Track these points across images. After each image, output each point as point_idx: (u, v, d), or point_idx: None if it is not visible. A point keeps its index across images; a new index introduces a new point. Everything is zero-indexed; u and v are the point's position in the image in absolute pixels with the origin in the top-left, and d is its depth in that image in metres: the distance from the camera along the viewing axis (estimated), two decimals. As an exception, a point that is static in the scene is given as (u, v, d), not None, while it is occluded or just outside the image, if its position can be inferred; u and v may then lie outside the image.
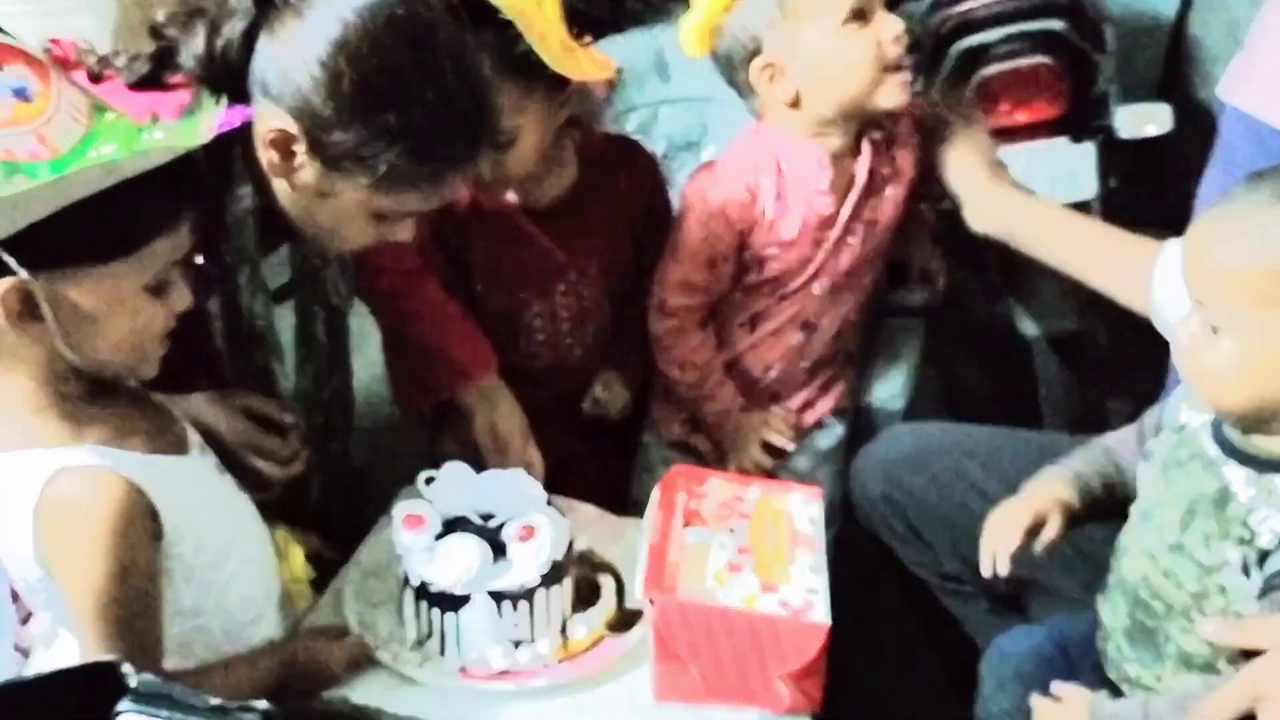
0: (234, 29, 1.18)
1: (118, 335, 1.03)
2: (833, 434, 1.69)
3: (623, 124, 2.00)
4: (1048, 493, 1.25)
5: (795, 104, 1.48)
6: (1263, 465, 1.03)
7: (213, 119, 1.07)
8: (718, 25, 1.48)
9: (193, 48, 1.19)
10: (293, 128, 1.20)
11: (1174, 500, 1.10)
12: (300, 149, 1.21)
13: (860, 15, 1.40)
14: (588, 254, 1.63)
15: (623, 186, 1.63)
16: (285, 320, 1.47)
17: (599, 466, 1.73)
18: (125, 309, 1.02)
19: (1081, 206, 2.19)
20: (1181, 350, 1.09)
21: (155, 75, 1.22)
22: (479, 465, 1.38)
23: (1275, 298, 0.99)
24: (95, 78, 1.26)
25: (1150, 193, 2.57)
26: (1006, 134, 2.17)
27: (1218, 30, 3.06)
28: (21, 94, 0.94)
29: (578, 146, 1.60)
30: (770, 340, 1.62)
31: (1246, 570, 1.02)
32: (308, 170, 1.23)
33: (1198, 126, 2.58)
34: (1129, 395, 2.52)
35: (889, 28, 1.42)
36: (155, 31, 1.25)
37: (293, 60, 1.18)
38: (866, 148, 1.54)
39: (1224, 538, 1.04)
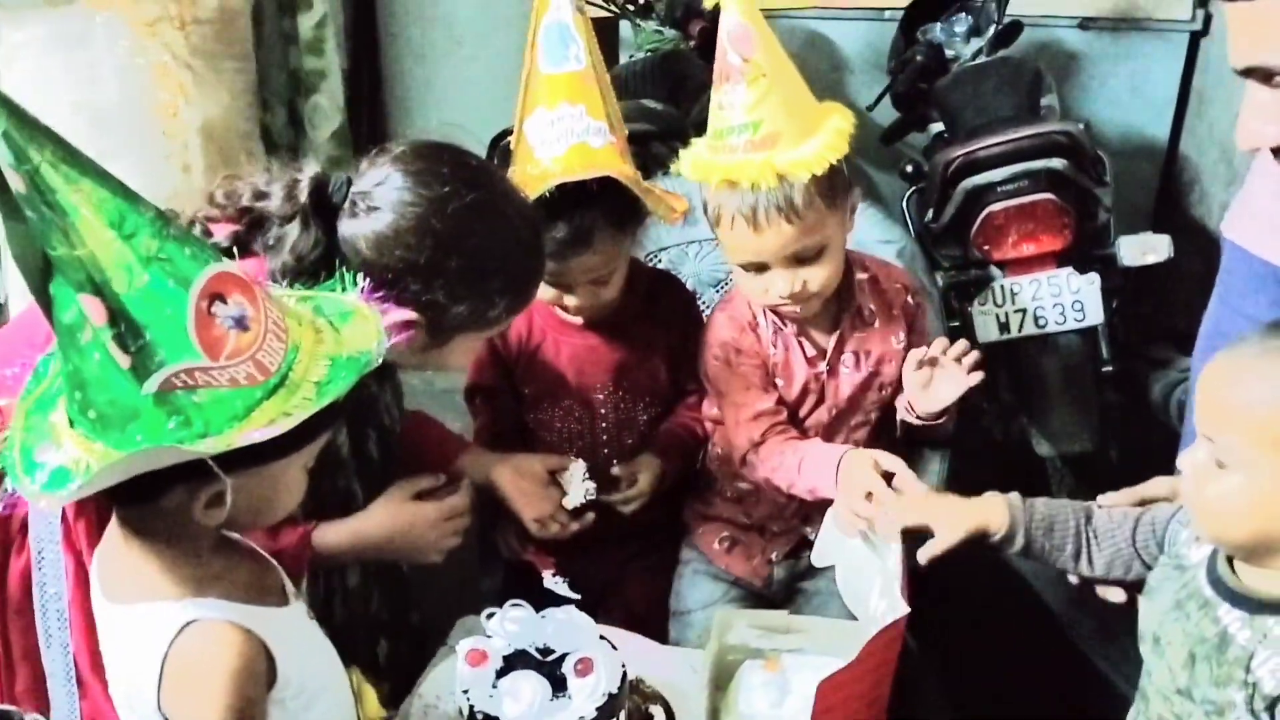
0: (307, 243, 1.28)
1: (280, 511, 1.09)
2: None
3: (654, 263, 2.09)
4: (980, 505, 1.31)
5: None
6: (1256, 606, 1.03)
7: (375, 319, 1.09)
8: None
9: (276, 265, 1.28)
10: (412, 317, 1.30)
11: (1178, 643, 1.09)
12: (420, 329, 1.31)
13: (756, 267, 1.49)
14: (627, 367, 1.71)
15: (662, 311, 1.72)
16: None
17: (640, 581, 1.77)
18: (291, 489, 1.08)
19: (1089, 332, 2.29)
20: (1187, 481, 1.10)
21: (232, 254, 1.32)
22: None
23: None
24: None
25: (1153, 312, 2.66)
26: (1014, 266, 2.28)
27: (1210, 151, 3.16)
28: (241, 323, 0.95)
29: (626, 272, 1.70)
30: None
31: (1256, 717, 1.01)
32: (424, 338, 1.34)
33: (1194, 242, 2.68)
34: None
35: (779, 285, 1.48)
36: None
37: (388, 261, 1.28)
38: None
39: (1228, 683, 1.03)
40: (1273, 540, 1.03)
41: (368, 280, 1.14)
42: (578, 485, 1.61)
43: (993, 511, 1.28)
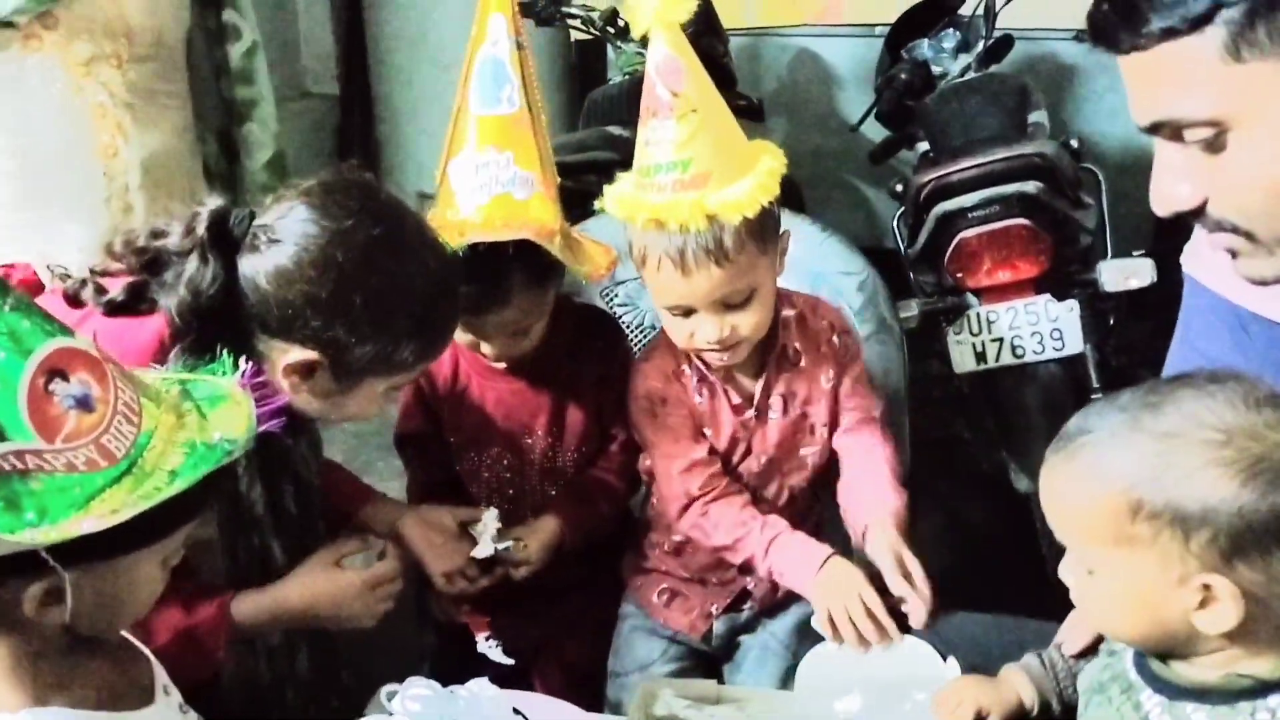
0: (205, 278, 1.22)
1: (134, 611, 1.02)
2: (798, 614, 1.57)
3: (610, 296, 2.02)
4: (1008, 683, 1.23)
5: None
6: (1176, 692, 0.97)
7: (247, 405, 1.01)
8: None
9: (172, 302, 1.22)
10: (314, 356, 1.24)
11: None
12: (322, 370, 1.26)
13: (683, 311, 1.40)
14: (556, 411, 1.63)
15: (590, 350, 1.63)
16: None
17: (579, 640, 1.68)
18: (147, 588, 1.01)
19: (1071, 361, 2.19)
20: (1073, 594, 1.03)
21: (130, 306, 1.27)
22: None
23: (1130, 535, 0.92)
24: (74, 302, 1.30)
25: (1147, 337, 2.55)
26: (990, 293, 2.19)
27: None
28: (84, 403, 0.88)
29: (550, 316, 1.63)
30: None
31: None
32: (328, 380, 1.28)
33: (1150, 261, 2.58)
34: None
35: (707, 331, 1.39)
36: (129, 253, 1.29)
37: (290, 296, 1.22)
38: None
39: None
40: (1170, 632, 0.96)
41: (251, 365, 1.06)
42: (487, 538, 1.53)
43: (1019, 688, 1.22)
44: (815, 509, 1.61)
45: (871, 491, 1.48)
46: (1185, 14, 0.96)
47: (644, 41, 2.89)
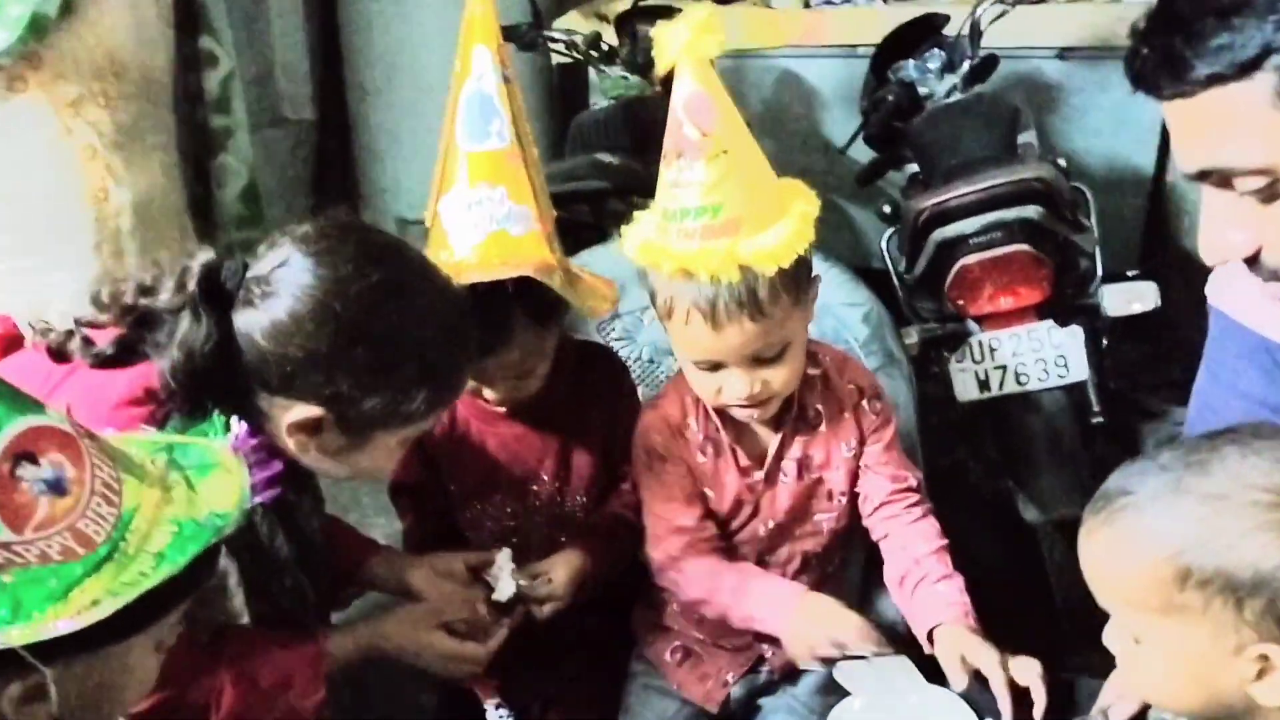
0: (198, 337, 1.14)
1: (128, 699, 0.94)
2: (822, 672, 1.54)
3: (607, 331, 1.94)
4: None
5: None
6: None
7: (240, 475, 0.94)
8: None
9: (165, 364, 1.14)
10: (318, 412, 1.17)
11: None
12: (329, 426, 1.18)
13: (710, 367, 1.32)
14: (561, 454, 1.55)
15: (593, 388, 1.56)
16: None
17: (590, 699, 1.59)
18: (137, 674, 0.92)
19: (1074, 388, 2.13)
20: (1118, 661, 0.98)
21: (119, 360, 1.18)
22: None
23: (1179, 603, 0.87)
24: (59, 356, 1.21)
25: (1144, 359, 2.51)
26: (991, 320, 2.13)
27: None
28: (56, 486, 0.80)
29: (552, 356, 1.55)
30: None
31: None
32: (336, 436, 1.20)
33: (1186, 277, 2.53)
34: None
35: (736, 388, 1.30)
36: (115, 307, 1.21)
37: (289, 351, 1.14)
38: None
39: None
40: (1226, 705, 0.91)
41: (244, 426, 0.99)
42: (506, 577, 1.45)
43: None
44: (834, 574, 1.53)
45: (928, 589, 1.38)
46: (1233, 60, 0.91)
47: (633, 67, 2.86)
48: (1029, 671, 1.24)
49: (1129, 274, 2.23)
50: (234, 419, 0.99)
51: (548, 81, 3.73)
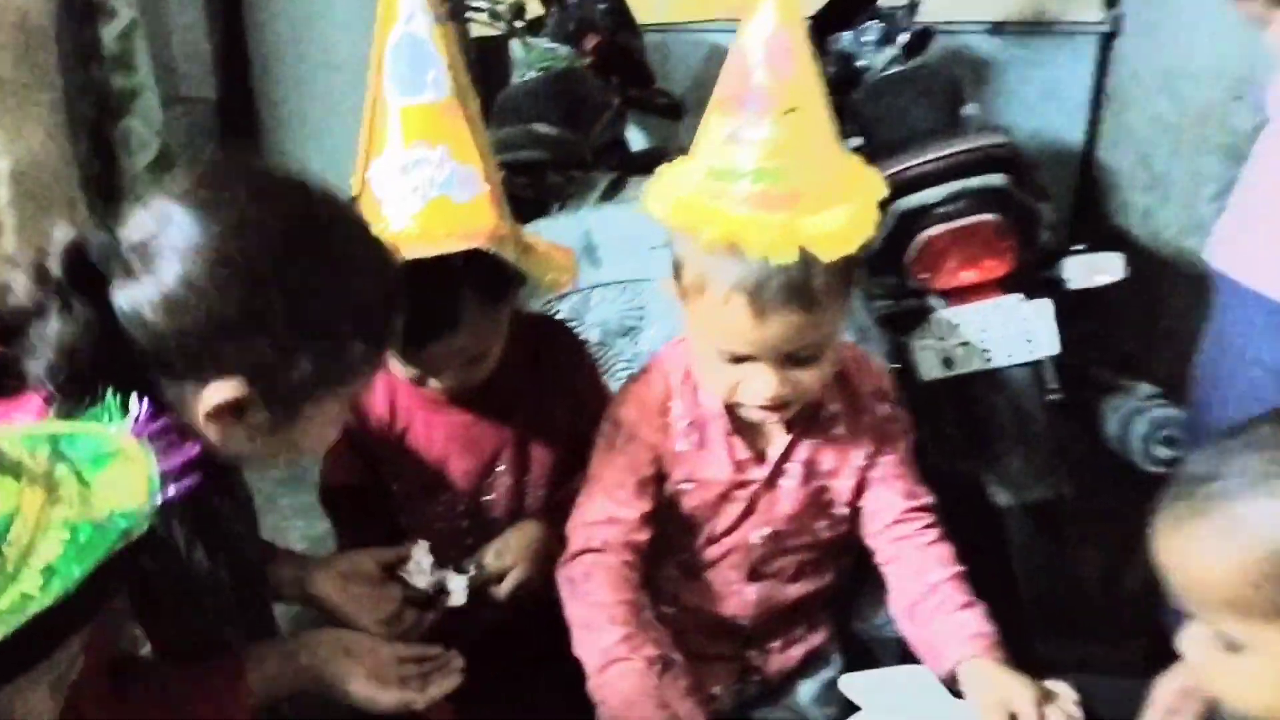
0: (73, 332, 0.92)
1: None
2: (818, 680, 1.38)
3: (552, 311, 1.76)
4: None
5: None
6: None
7: (145, 462, 0.76)
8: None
9: (40, 370, 0.92)
10: (239, 390, 0.96)
11: None
12: (255, 403, 0.98)
13: (733, 360, 1.13)
14: (517, 442, 1.36)
15: (549, 367, 1.38)
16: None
17: (560, 713, 1.42)
18: (33, 713, 0.74)
19: (1039, 364, 2.01)
20: (1198, 670, 0.86)
21: None
22: None
23: None
24: None
25: (1095, 334, 2.42)
26: (956, 294, 2.00)
27: (1127, 155, 2.99)
28: None
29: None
30: (710, 588, 1.31)
31: None
32: (264, 414, 0.99)
33: (1119, 253, 2.47)
34: (1104, 550, 2.35)
35: (760, 387, 1.12)
36: None
37: (188, 325, 0.93)
38: None
39: None
40: None
41: (146, 402, 0.79)
42: (425, 571, 1.28)
43: None
44: (829, 585, 1.37)
45: (946, 619, 1.20)
46: None
47: (562, 36, 2.68)
48: (1064, 712, 1.09)
49: (1076, 249, 2.13)
50: (134, 397, 0.80)
51: (465, 55, 3.52)
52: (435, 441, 1.34)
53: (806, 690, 1.36)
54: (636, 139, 3.09)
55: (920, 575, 1.24)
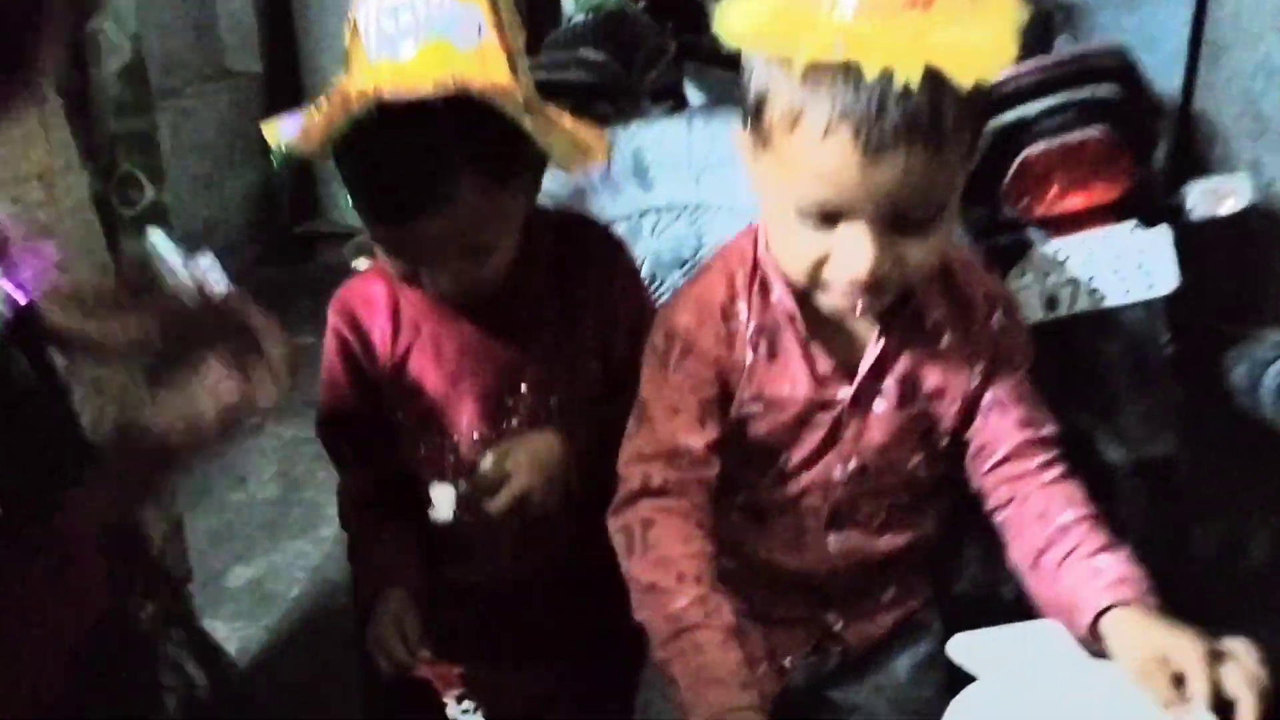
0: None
1: None
2: (914, 654, 1.13)
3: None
4: None
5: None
6: None
7: None
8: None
9: None
10: None
11: None
12: None
13: (822, 220, 0.88)
14: (541, 360, 1.14)
15: (577, 270, 1.15)
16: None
17: (590, 693, 1.19)
18: None
19: (1157, 304, 1.74)
20: None
21: None
22: None
23: None
24: None
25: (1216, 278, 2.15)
26: (1060, 224, 1.73)
27: (1232, 105, 2.76)
28: None
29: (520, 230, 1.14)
30: (781, 537, 1.07)
31: None
32: None
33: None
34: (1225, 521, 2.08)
35: (856, 258, 0.87)
36: None
37: None
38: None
39: None
40: None
41: None
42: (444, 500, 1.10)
43: None
44: (924, 536, 1.11)
45: (1081, 565, 0.95)
46: None
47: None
48: (1244, 673, 0.83)
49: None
50: None
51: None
52: (445, 359, 1.12)
53: (900, 666, 1.11)
54: (695, 96, 2.86)
55: (1045, 519, 0.98)
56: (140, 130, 1.62)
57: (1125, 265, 1.69)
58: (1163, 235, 1.68)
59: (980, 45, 0.81)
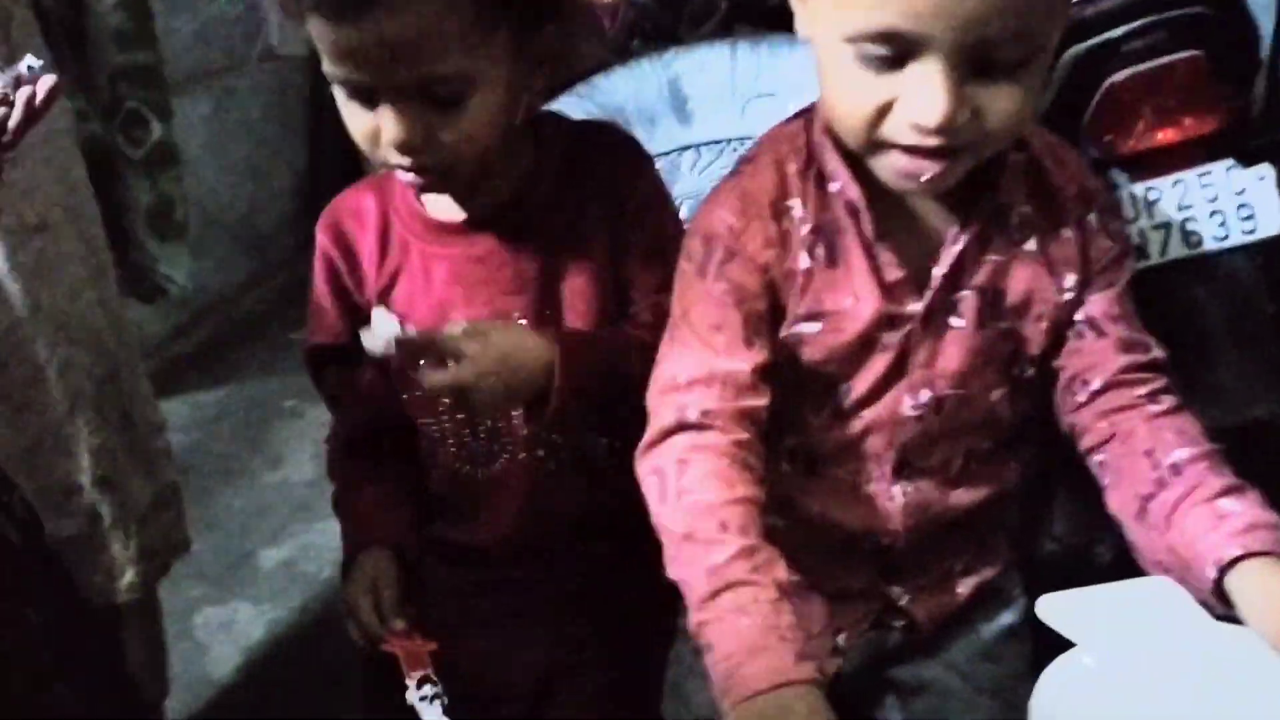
0: None
1: None
2: (993, 627, 0.96)
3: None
4: None
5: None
6: None
7: None
8: None
9: None
10: None
11: None
12: None
13: (887, 59, 0.73)
14: (546, 286, 0.98)
15: (586, 178, 0.99)
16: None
17: (607, 675, 1.04)
18: None
19: (1261, 250, 1.55)
20: None
21: None
22: None
23: None
24: None
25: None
26: (1148, 162, 1.55)
27: None
28: None
29: (533, 126, 0.99)
30: (838, 489, 0.91)
31: None
32: None
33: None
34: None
35: (929, 103, 0.72)
36: None
37: None
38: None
39: None
40: None
41: None
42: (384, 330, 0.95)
43: None
44: (1009, 489, 0.95)
45: (1202, 510, 0.79)
46: None
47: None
48: None
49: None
50: None
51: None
52: (434, 285, 0.98)
53: (976, 640, 0.94)
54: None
55: (1154, 457, 0.82)
56: (143, 63, 1.51)
57: (1224, 207, 1.50)
58: (1264, 175, 1.49)
59: None
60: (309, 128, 3.65)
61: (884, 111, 0.74)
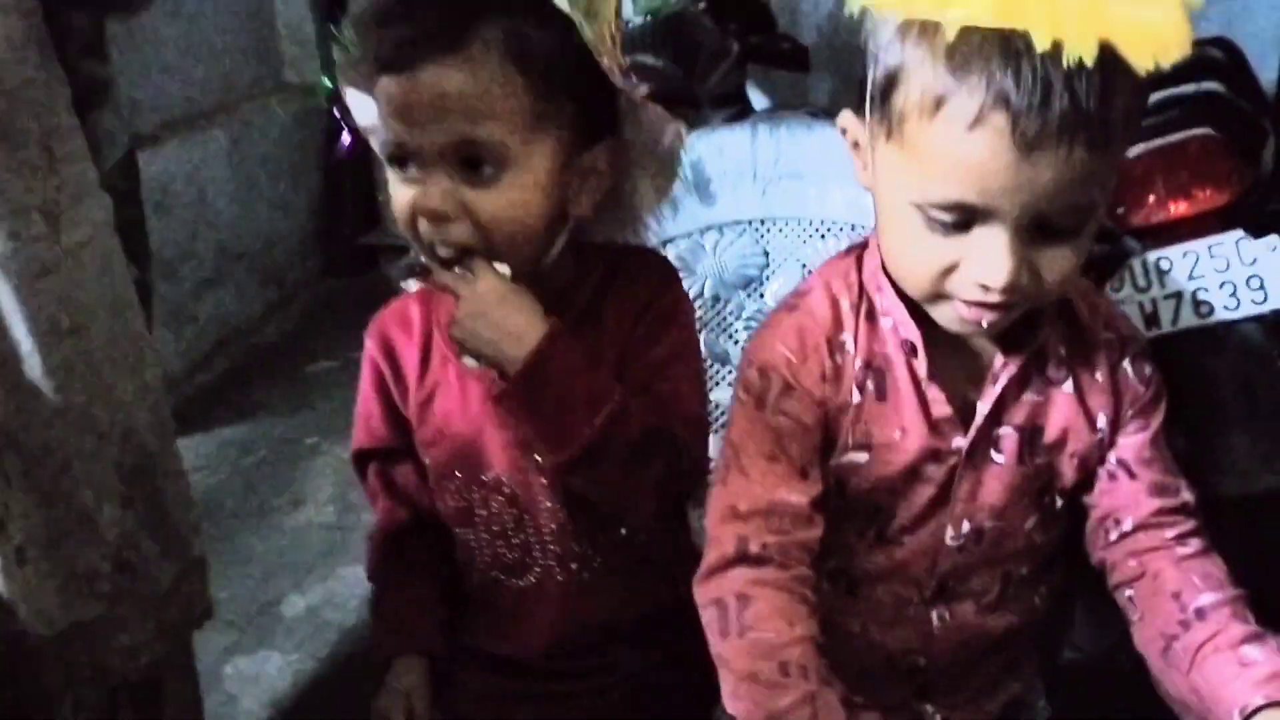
0: None
1: None
2: None
3: (656, 262, 1.40)
4: None
5: None
6: None
7: None
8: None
9: None
10: None
11: None
12: None
13: (954, 225, 0.75)
14: None
15: (619, 294, 0.99)
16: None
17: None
18: None
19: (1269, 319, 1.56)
20: None
21: None
22: None
23: None
24: None
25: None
26: (1160, 233, 1.56)
27: None
28: None
29: (578, 247, 0.99)
30: (878, 611, 0.93)
31: None
32: None
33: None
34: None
35: (993, 266, 0.74)
36: None
37: None
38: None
39: None
40: None
41: None
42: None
43: None
44: (1037, 609, 0.97)
45: (1225, 656, 0.81)
46: None
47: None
48: None
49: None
50: None
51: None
52: (470, 404, 0.99)
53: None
54: (759, 101, 2.71)
55: (1180, 600, 0.84)
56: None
57: (1234, 277, 1.51)
58: (1273, 246, 1.50)
59: (1158, 23, 0.67)
60: (326, 160, 3.66)
61: (949, 270, 0.77)
